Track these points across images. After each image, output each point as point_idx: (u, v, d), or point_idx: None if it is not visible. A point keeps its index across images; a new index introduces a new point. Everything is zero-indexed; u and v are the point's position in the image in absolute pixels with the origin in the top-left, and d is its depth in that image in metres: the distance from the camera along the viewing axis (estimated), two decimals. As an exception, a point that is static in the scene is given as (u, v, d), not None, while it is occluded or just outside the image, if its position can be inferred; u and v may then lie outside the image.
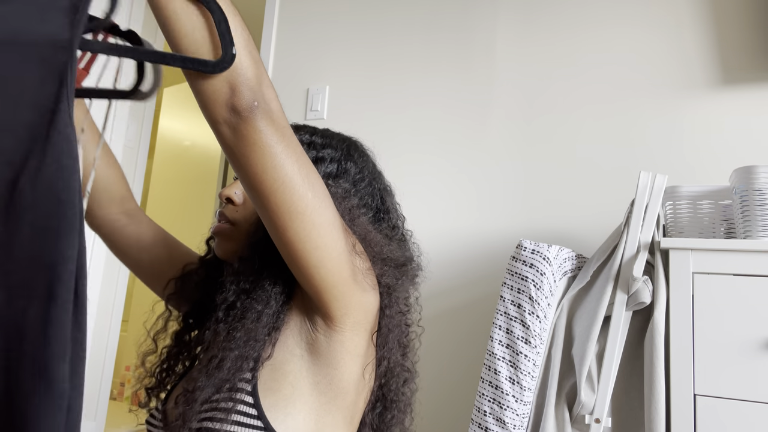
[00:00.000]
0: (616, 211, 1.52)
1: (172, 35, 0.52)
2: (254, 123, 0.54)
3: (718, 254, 1.01)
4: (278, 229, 0.59)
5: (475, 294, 1.64)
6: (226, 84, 0.53)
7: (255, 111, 0.54)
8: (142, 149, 2.78)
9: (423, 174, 1.80)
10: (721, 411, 0.95)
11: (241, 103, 0.53)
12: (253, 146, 0.55)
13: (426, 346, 1.69)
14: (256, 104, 0.54)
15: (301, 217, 0.59)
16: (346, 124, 1.96)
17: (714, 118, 1.47)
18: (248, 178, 0.57)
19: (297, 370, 0.66)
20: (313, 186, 0.59)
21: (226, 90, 0.53)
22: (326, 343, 0.66)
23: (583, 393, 1.02)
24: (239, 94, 0.53)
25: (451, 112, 1.79)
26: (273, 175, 0.56)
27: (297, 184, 0.58)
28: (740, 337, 0.97)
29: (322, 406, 0.66)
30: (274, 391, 0.64)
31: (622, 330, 1.04)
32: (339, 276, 0.63)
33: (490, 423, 1.00)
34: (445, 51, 1.84)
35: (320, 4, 2.11)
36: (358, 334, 0.68)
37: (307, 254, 0.60)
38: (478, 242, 1.67)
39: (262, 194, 0.57)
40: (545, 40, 1.70)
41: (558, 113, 1.65)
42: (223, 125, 0.55)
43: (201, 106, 0.55)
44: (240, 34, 0.53)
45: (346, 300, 0.65)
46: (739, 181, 1.06)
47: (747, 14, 1.47)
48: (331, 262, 0.62)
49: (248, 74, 0.54)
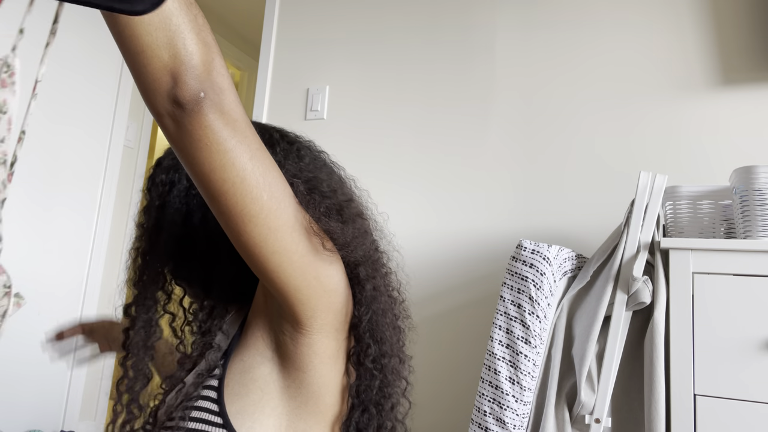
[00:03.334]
0: (616, 211, 1.52)
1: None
2: (200, 117, 0.48)
3: (718, 254, 1.01)
4: (232, 232, 0.54)
5: (475, 294, 1.64)
6: (167, 73, 0.47)
7: (201, 103, 0.48)
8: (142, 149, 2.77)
9: (422, 174, 1.80)
10: (721, 411, 0.95)
11: (185, 94, 0.47)
12: (199, 143, 0.49)
13: (426, 346, 1.69)
14: (203, 95, 0.48)
15: (254, 220, 0.53)
16: (346, 124, 1.96)
17: (714, 118, 1.47)
18: (196, 177, 0.52)
19: (267, 374, 0.63)
20: (269, 186, 0.54)
21: (167, 79, 0.47)
22: (293, 347, 0.62)
23: (583, 393, 1.02)
24: (182, 84, 0.47)
25: (451, 111, 1.79)
26: (222, 175, 0.51)
27: (250, 185, 0.52)
28: (740, 337, 0.97)
29: (293, 411, 0.62)
30: (241, 397, 0.61)
31: (622, 330, 1.04)
32: (302, 279, 0.58)
33: (490, 423, 1.00)
34: (445, 51, 1.84)
35: (320, 5, 2.11)
36: (328, 335, 0.64)
37: (265, 259, 0.56)
38: (478, 242, 1.67)
39: (212, 195, 0.52)
40: (545, 40, 1.70)
41: (558, 113, 1.65)
42: (165, 117, 0.49)
43: (141, 94, 0.49)
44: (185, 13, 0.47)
45: (312, 303, 0.60)
46: (739, 181, 1.06)
47: (747, 15, 1.47)
48: (292, 266, 0.57)
49: (193, 60, 0.47)
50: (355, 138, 1.93)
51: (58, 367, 2.20)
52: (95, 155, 2.34)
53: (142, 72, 0.47)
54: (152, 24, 0.45)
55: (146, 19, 0.45)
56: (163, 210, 0.71)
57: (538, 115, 1.67)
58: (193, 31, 0.47)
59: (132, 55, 0.46)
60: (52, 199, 2.15)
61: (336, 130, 1.97)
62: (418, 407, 1.66)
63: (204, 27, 0.49)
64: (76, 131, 2.25)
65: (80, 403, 2.30)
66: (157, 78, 0.47)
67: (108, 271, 2.56)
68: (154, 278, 0.71)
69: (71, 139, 2.23)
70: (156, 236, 0.71)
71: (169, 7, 0.46)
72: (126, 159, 2.68)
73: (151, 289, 0.71)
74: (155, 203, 0.72)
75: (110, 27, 0.46)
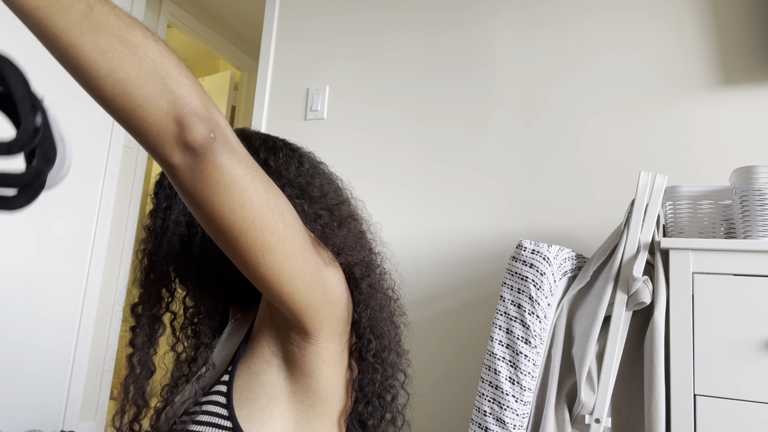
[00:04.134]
0: (616, 211, 1.52)
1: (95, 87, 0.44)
2: (214, 159, 0.47)
3: (718, 254, 1.01)
4: (250, 266, 0.54)
5: (475, 294, 1.64)
6: (171, 120, 0.45)
7: (213, 144, 0.47)
8: (142, 149, 2.77)
9: (423, 174, 1.80)
10: (721, 411, 0.95)
11: (196, 137, 0.46)
12: (217, 186, 0.48)
13: (426, 346, 1.69)
14: (213, 135, 0.47)
15: (273, 251, 0.53)
16: (346, 124, 1.96)
17: (714, 118, 1.47)
18: (215, 221, 0.50)
19: (274, 380, 0.64)
20: (282, 214, 0.54)
21: (173, 126, 0.45)
22: (301, 355, 0.64)
23: (583, 393, 1.02)
24: (190, 127, 0.45)
25: (451, 111, 1.79)
26: (242, 214, 0.50)
27: (267, 218, 0.52)
28: (740, 337, 0.97)
29: (300, 415, 0.64)
30: (249, 402, 0.63)
31: (622, 330, 1.04)
32: (313, 296, 0.60)
33: (490, 423, 1.00)
34: (445, 50, 1.84)
35: (320, 4, 2.11)
36: (333, 341, 0.66)
37: (282, 285, 0.56)
38: (478, 242, 1.67)
39: (231, 235, 0.51)
40: (545, 40, 1.70)
41: (558, 113, 1.65)
42: (177, 168, 0.47)
43: (147, 149, 0.47)
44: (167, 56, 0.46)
45: (320, 315, 0.62)
46: (739, 181, 1.06)
47: (747, 14, 1.47)
48: (305, 286, 0.58)
49: (193, 102, 0.46)
50: (354, 138, 1.93)
51: (58, 367, 2.20)
52: (95, 155, 2.34)
53: (143, 126, 0.45)
54: (140, 76, 0.44)
55: (132, 73, 0.44)
56: (169, 211, 0.73)
57: (538, 114, 1.67)
58: (181, 73, 0.46)
59: (128, 112, 0.45)
60: (51, 199, 2.15)
61: (336, 130, 1.97)
62: (418, 407, 1.66)
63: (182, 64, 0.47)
64: (76, 131, 2.25)
65: (80, 403, 2.30)
66: (161, 128, 0.45)
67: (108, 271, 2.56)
68: (159, 278, 0.73)
69: (71, 139, 2.23)
70: (162, 237, 0.72)
71: (152, 56, 0.45)
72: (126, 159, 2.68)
73: (156, 288, 0.73)
74: (162, 205, 0.73)
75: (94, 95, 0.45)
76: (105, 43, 0.43)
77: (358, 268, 0.70)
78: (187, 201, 0.50)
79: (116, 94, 0.44)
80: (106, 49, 0.43)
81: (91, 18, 0.43)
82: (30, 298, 2.08)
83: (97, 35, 0.43)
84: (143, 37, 0.45)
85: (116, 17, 0.44)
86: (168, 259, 0.72)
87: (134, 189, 2.74)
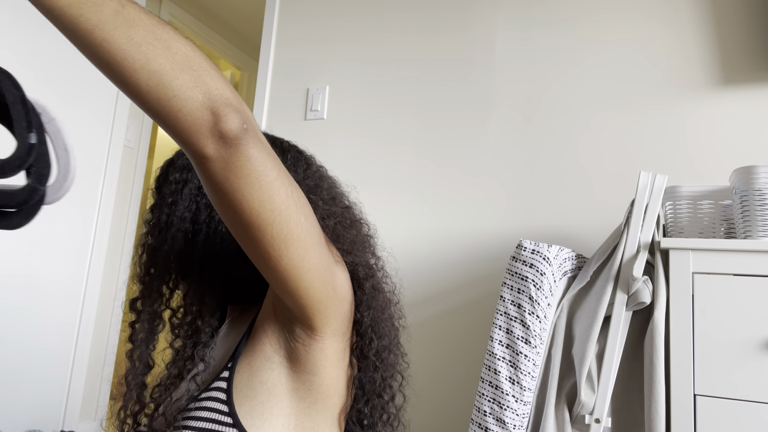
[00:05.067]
0: (616, 211, 1.52)
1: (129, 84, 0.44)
2: (246, 150, 0.47)
3: (718, 254, 1.01)
4: (271, 259, 0.54)
5: (475, 294, 1.64)
6: (207, 110, 0.45)
7: (246, 135, 0.47)
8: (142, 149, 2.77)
9: (423, 174, 1.80)
10: (721, 411, 0.95)
11: (230, 127, 0.46)
12: (248, 178, 0.48)
13: (426, 346, 1.69)
14: (245, 127, 0.47)
15: (296, 243, 0.54)
16: (346, 124, 1.96)
17: (714, 117, 1.47)
18: (241, 214, 0.50)
19: (275, 377, 0.64)
20: (304, 207, 0.54)
21: (208, 116, 0.46)
22: (305, 352, 0.64)
23: (583, 393, 1.02)
24: (224, 118, 0.46)
25: (451, 111, 1.79)
26: (269, 206, 0.50)
27: (292, 210, 0.52)
28: (740, 337, 0.97)
29: (302, 411, 0.64)
30: (250, 398, 0.63)
31: (622, 330, 1.04)
32: (324, 291, 0.60)
33: (490, 423, 1.00)
34: (445, 50, 1.84)
35: (321, 5, 2.11)
36: (336, 338, 0.66)
37: (300, 278, 0.57)
38: (478, 242, 1.67)
39: (257, 229, 0.51)
40: (545, 40, 1.70)
41: (558, 113, 1.65)
42: (210, 160, 0.47)
43: (180, 141, 0.47)
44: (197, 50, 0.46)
45: (329, 311, 0.62)
46: (739, 181, 1.06)
47: (747, 14, 1.47)
48: (319, 280, 0.59)
49: (226, 93, 0.46)
50: (355, 138, 1.93)
51: (58, 367, 2.20)
52: (95, 155, 2.34)
53: (177, 117, 0.45)
54: (175, 68, 0.45)
55: (167, 64, 0.45)
56: (174, 207, 0.73)
57: (537, 114, 1.67)
58: (211, 66, 0.47)
59: (163, 104, 0.45)
60: (52, 199, 2.15)
61: (336, 130, 1.97)
62: (418, 407, 1.66)
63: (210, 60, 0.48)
64: (76, 131, 2.25)
65: (80, 403, 2.30)
66: (197, 118, 0.45)
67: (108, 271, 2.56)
68: (160, 273, 0.73)
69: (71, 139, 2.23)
70: (165, 232, 0.72)
71: (183, 50, 0.46)
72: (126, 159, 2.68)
73: (157, 284, 0.73)
74: (167, 200, 0.73)
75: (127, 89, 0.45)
76: (138, 36, 0.44)
77: (362, 269, 0.71)
78: (215, 192, 0.50)
79: (151, 85, 0.44)
80: (140, 42, 0.44)
81: (124, 14, 0.44)
82: (30, 298, 2.08)
83: (131, 29, 0.44)
84: (173, 33, 0.46)
85: (147, 15, 0.46)
86: (171, 255, 0.72)
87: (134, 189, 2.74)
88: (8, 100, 0.41)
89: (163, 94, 0.45)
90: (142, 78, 0.44)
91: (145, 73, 0.44)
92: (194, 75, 0.46)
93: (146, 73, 0.44)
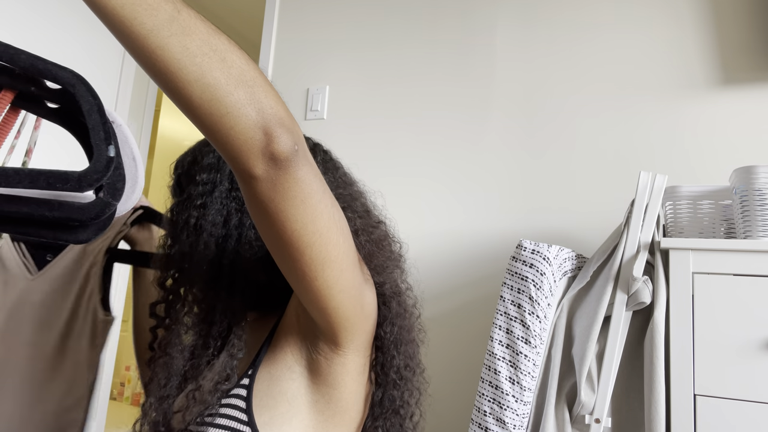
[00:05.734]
0: (616, 211, 1.52)
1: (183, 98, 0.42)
2: (295, 171, 0.46)
3: (718, 254, 1.01)
4: (306, 278, 0.53)
5: (475, 294, 1.64)
6: (259, 129, 0.44)
7: (296, 157, 0.45)
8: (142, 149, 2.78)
9: (423, 174, 1.80)
10: (721, 411, 0.95)
11: (282, 149, 0.44)
12: (294, 200, 0.47)
13: (426, 346, 1.69)
14: (296, 148, 0.45)
15: (332, 265, 0.53)
16: (346, 124, 1.96)
17: (714, 118, 1.47)
18: (283, 235, 0.49)
19: (295, 388, 0.63)
20: (343, 228, 0.54)
21: (260, 136, 0.44)
22: (327, 365, 0.63)
23: (583, 393, 1.02)
24: (277, 139, 0.44)
25: (451, 112, 1.79)
26: (312, 228, 0.49)
27: (333, 232, 0.52)
28: (740, 337, 0.97)
29: (320, 424, 0.63)
30: (269, 408, 0.62)
31: (622, 330, 1.04)
32: (354, 310, 0.60)
33: (490, 423, 1.00)
34: (445, 51, 1.84)
35: (320, 5, 2.11)
36: (359, 353, 0.65)
37: (331, 298, 0.56)
38: (478, 243, 1.67)
39: (296, 250, 0.50)
40: (545, 40, 1.70)
41: (558, 113, 1.65)
42: (257, 180, 0.46)
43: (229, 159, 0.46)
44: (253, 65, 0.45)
45: (355, 329, 0.62)
46: (739, 181, 1.06)
47: (747, 14, 1.47)
48: (350, 299, 0.58)
49: (280, 112, 0.45)
50: (355, 138, 1.93)
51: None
52: (95, 155, 2.34)
53: (229, 134, 0.44)
54: (230, 83, 0.43)
55: (222, 79, 0.43)
56: (204, 210, 0.70)
57: (537, 114, 1.67)
58: (266, 82, 0.45)
59: (215, 120, 0.43)
60: (52, 199, 2.15)
61: (336, 130, 1.97)
62: (418, 407, 1.66)
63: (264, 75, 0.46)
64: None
65: (80, 403, 2.30)
66: (249, 137, 0.44)
67: (108, 271, 2.56)
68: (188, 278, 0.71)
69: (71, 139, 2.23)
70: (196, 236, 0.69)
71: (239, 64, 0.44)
72: (126, 159, 2.68)
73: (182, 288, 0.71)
74: (195, 202, 0.71)
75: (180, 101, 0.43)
76: (194, 46, 0.42)
77: (389, 286, 0.70)
78: (258, 211, 0.49)
79: (205, 100, 0.43)
80: (195, 53, 0.42)
81: (180, 20, 0.42)
82: (30, 298, 2.08)
83: (186, 38, 0.42)
84: (229, 44, 0.44)
85: (202, 22, 0.44)
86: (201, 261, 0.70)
87: (134, 189, 2.74)
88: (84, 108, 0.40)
89: (216, 110, 0.43)
90: (196, 91, 0.42)
91: (199, 86, 0.42)
92: (249, 91, 0.44)
93: (200, 86, 0.42)
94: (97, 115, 0.40)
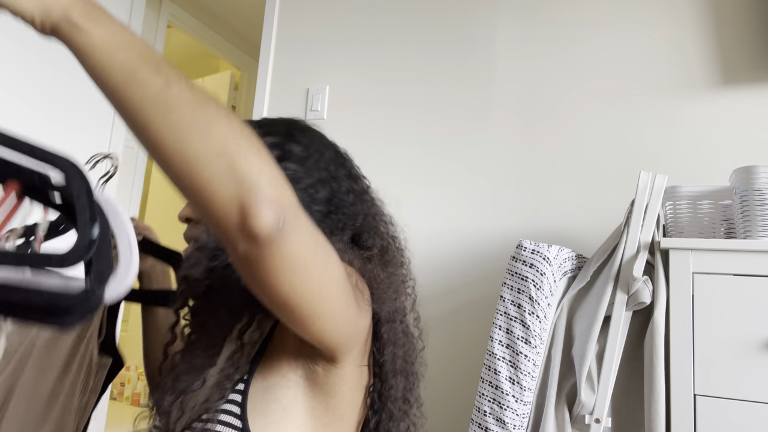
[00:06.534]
0: (616, 211, 1.52)
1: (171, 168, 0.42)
2: (280, 248, 0.43)
3: (718, 254, 1.01)
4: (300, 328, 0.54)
5: (475, 294, 1.64)
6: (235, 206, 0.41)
7: (280, 234, 0.43)
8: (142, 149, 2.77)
9: (423, 174, 1.80)
10: (721, 411, 0.95)
11: (261, 226, 0.42)
12: (280, 273, 0.45)
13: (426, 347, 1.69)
14: (281, 224, 0.42)
15: (325, 318, 0.53)
16: (346, 124, 1.96)
17: (714, 118, 1.47)
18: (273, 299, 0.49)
19: (291, 395, 0.63)
20: (336, 279, 0.53)
21: (235, 213, 0.42)
22: (324, 376, 0.63)
23: (583, 393, 1.02)
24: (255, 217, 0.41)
25: (451, 112, 1.79)
26: (302, 290, 0.48)
27: (325, 288, 0.51)
28: (740, 337, 0.97)
29: (317, 430, 0.63)
30: (264, 415, 0.61)
31: (622, 330, 1.04)
32: (349, 338, 0.60)
33: (490, 423, 1.00)
34: (445, 51, 1.84)
35: (320, 5, 2.11)
36: (355, 364, 0.66)
37: (328, 335, 0.56)
38: (478, 242, 1.67)
39: (287, 309, 0.50)
40: (545, 40, 1.70)
41: (558, 113, 1.65)
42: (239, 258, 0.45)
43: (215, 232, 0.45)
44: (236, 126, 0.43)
45: (350, 344, 0.62)
46: (739, 181, 1.06)
47: (747, 14, 1.47)
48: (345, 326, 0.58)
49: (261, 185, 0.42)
50: (355, 138, 1.93)
51: (58, 367, 2.20)
52: (95, 155, 2.34)
53: (210, 206, 0.42)
54: (209, 154, 0.42)
55: (201, 150, 0.42)
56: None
57: (537, 114, 1.67)
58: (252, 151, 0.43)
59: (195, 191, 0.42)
60: (52, 199, 2.15)
61: (336, 130, 1.97)
62: (418, 407, 1.66)
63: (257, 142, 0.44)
64: (76, 132, 2.25)
65: (80, 403, 2.30)
66: (225, 213, 0.42)
67: (108, 271, 2.56)
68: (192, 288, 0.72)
69: (71, 139, 2.23)
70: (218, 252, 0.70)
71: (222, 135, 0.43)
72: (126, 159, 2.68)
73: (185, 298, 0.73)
74: None
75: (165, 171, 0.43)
76: (175, 119, 0.42)
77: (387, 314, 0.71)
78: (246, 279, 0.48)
79: (183, 170, 0.42)
80: (175, 127, 0.42)
81: (166, 94, 0.42)
82: (30, 298, 2.08)
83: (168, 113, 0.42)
84: (216, 114, 0.44)
85: (191, 92, 0.43)
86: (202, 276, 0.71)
87: (134, 189, 2.74)
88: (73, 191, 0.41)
89: (196, 182, 0.42)
90: (176, 162, 0.42)
91: (179, 157, 0.42)
92: (228, 161, 0.42)
93: (179, 158, 0.42)
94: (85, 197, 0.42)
